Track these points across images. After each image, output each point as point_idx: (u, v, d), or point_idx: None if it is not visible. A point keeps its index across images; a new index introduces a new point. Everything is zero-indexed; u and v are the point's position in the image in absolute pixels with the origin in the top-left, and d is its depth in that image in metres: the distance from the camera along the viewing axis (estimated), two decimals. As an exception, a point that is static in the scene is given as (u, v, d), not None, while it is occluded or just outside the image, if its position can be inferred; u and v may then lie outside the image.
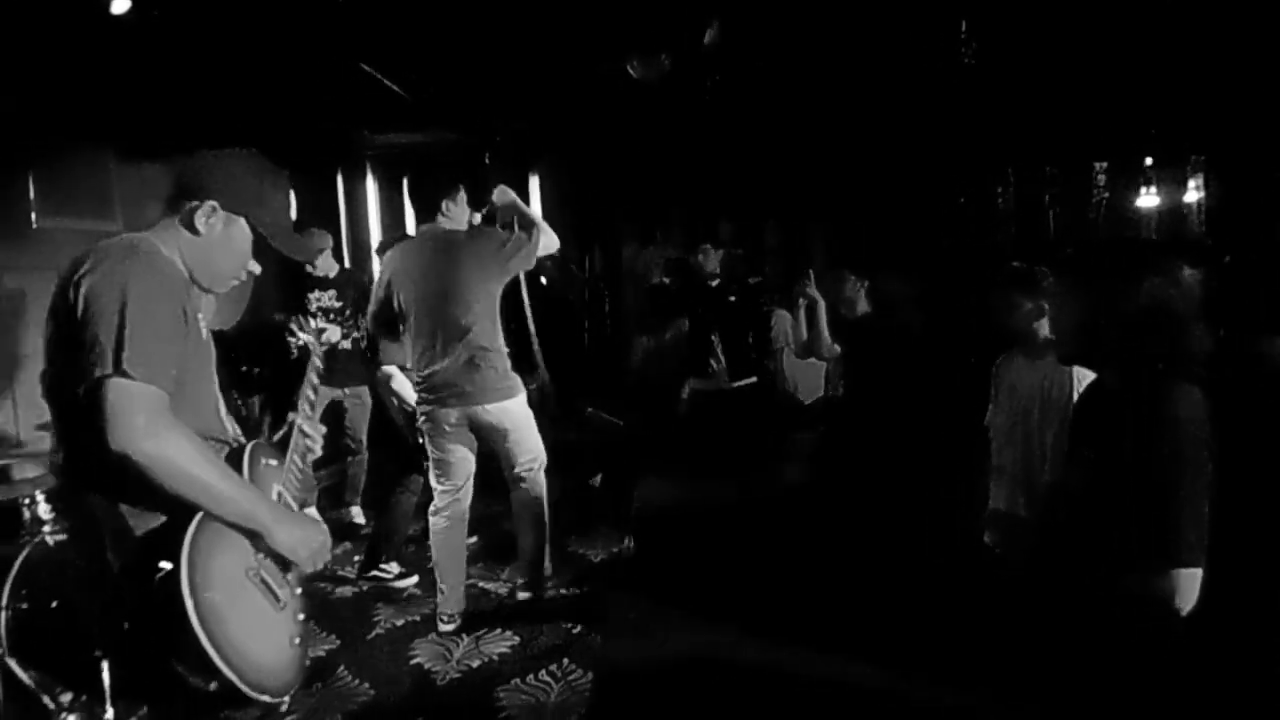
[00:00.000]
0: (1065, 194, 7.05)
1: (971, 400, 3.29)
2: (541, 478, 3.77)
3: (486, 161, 6.99)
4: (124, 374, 1.49)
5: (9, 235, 4.39)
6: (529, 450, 3.71)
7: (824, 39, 4.89)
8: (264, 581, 1.69)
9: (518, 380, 3.67)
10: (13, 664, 3.00)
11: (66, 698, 2.84)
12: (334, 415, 5.18)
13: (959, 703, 2.78)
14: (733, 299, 6.23)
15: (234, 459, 1.77)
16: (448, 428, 3.60)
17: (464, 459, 3.71)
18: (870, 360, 4.36)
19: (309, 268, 4.92)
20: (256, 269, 1.84)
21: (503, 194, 3.73)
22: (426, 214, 3.64)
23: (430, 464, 3.75)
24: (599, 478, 5.67)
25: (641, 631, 3.58)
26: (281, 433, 1.97)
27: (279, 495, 1.84)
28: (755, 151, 6.83)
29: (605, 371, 6.60)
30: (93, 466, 1.54)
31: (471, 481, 3.77)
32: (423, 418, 3.68)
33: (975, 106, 5.54)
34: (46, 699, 2.97)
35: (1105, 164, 6.90)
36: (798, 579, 3.75)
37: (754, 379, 5.63)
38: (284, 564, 1.77)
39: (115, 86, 4.40)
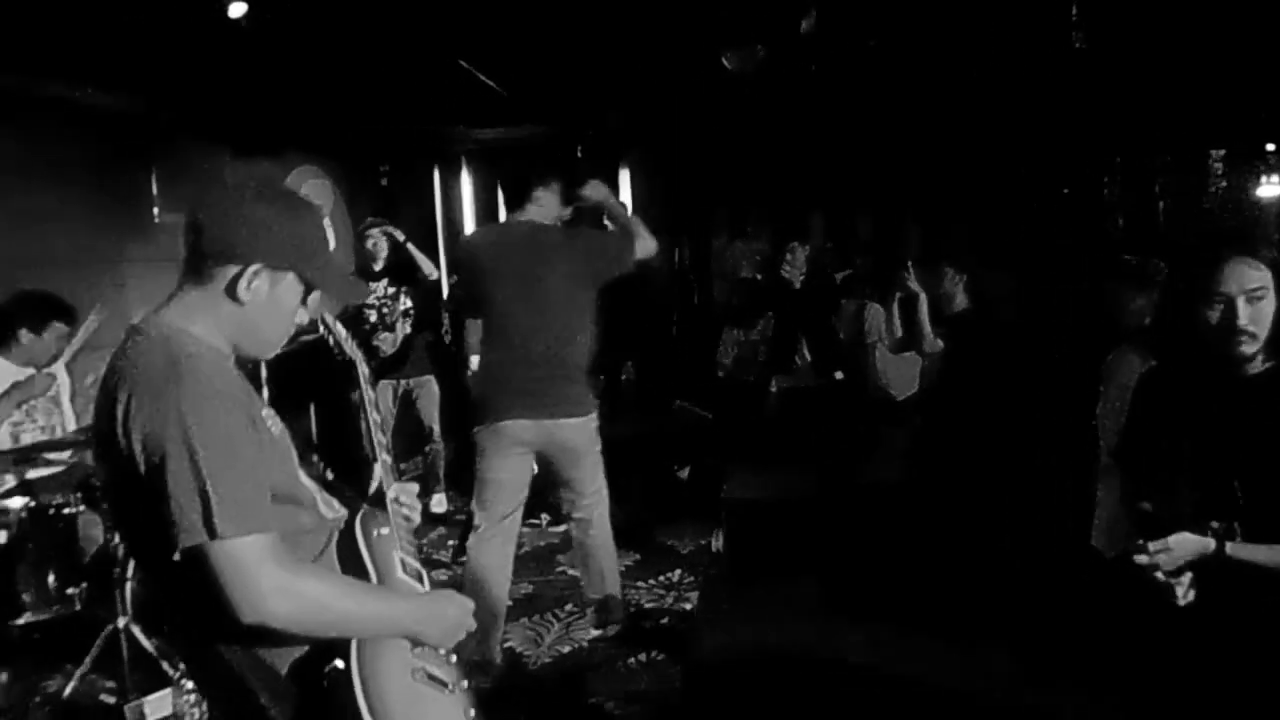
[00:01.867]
0: (1178, 183, 6.73)
1: (1078, 397, 3.17)
2: (607, 520, 3.42)
3: (579, 155, 7.07)
4: (221, 536, 1.28)
5: (133, 229, 4.66)
6: (596, 481, 3.36)
7: (926, 24, 4.76)
8: (429, 676, 1.52)
9: (594, 400, 3.37)
10: (136, 630, 3.19)
11: (185, 665, 2.99)
12: (405, 405, 5.31)
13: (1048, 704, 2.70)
14: (820, 295, 6.16)
15: (348, 540, 1.56)
16: (511, 444, 3.23)
17: (520, 483, 3.33)
18: (970, 356, 4.24)
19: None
20: (305, 319, 1.59)
21: (595, 189, 3.46)
22: (516, 202, 3.36)
23: (477, 484, 3.32)
24: (686, 470, 5.68)
25: (731, 623, 3.58)
26: (374, 487, 1.75)
27: (403, 564, 1.60)
28: (849, 142, 6.72)
29: (693, 364, 6.60)
30: (218, 624, 1.34)
31: (521, 513, 3.39)
32: (480, 428, 3.26)
33: (1084, 93, 5.33)
34: (166, 665, 3.15)
35: (1223, 151, 6.55)
36: (891, 575, 3.69)
37: (840, 375, 5.56)
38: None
39: (231, 86, 4.61)
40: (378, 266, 5.09)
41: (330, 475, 4.70)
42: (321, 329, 1.81)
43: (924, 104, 6.06)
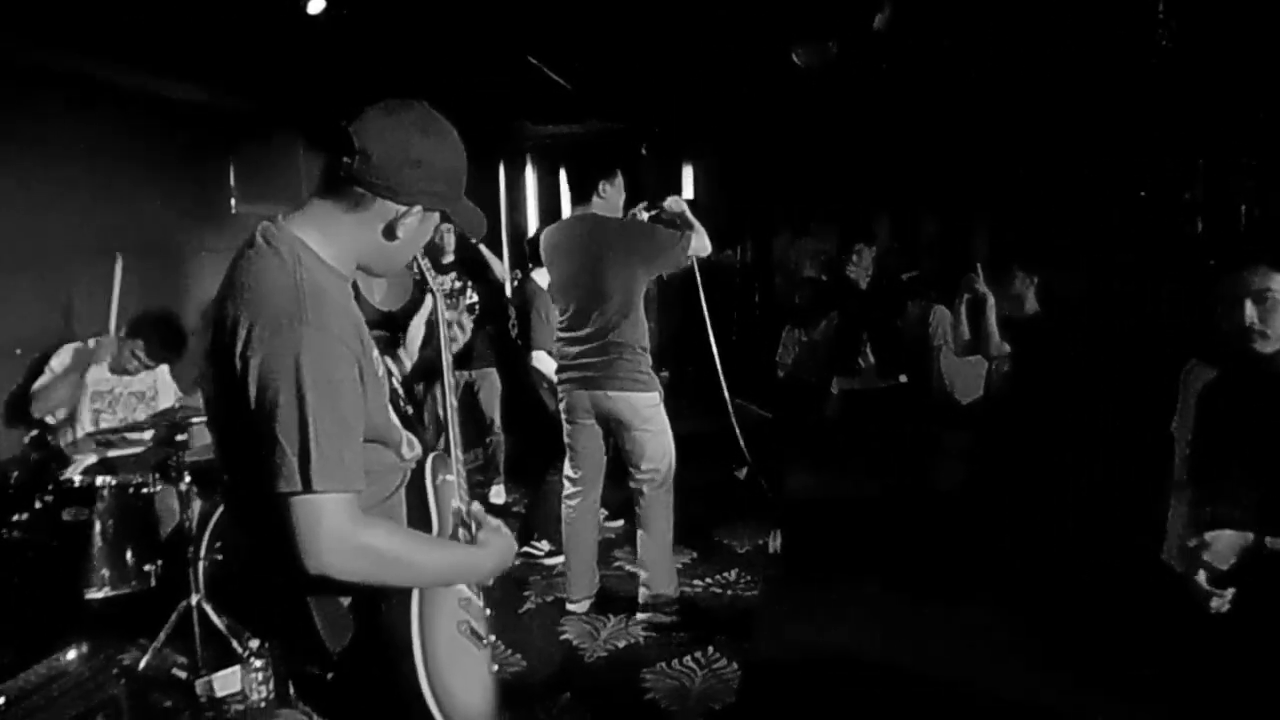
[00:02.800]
0: (1263, 187, 6.46)
1: (1153, 407, 3.07)
2: (663, 496, 3.66)
3: (643, 152, 7.07)
4: (314, 490, 1.30)
5: (212, 219, 4.80)
6: (650, 458, 3.59)
7: (1002, 22, 4.64)
8: (471, 630, 1.61)
9: (652, 378, 3.60)
10: (208, 608, 3.30)
11: (254, 643, 3.08)
12: (467, 398, 5.37)
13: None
14: (884, 296, 6.06)
15: (418, 481, 1.62)
16: (579, 414, 3.65)
17: (594, 449, 3.74)
18: (1039, 362, 4.14)
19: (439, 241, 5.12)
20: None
21: (675, 203, 3.69)
22: (582, 196, 3.63)
23: (568, 453, 3.80)
24: (745, 469, 5.65)
25: (788, 624, 3.56)
26: (441, 441, 1.81)
27: (458, 512, 1.67)
28: (917, 141, 6.60)
29: (754, 362, 6.56)
30: (292, 565, 1.37)
31: (602, 474, 3.81)
32: (561, 401, 3.75)
33: (1168, 92, 5.14)
34: (236, 643, 3.25)
35: (1315, 155, 6.26)
36: (951, 580, 3.63)
37: (904, 378, 5.47)
38: (479, 597, 1.71)
39: (306, 80, 4.72)
40: (446, 259, 5.16)
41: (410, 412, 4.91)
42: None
43: (997, 102, 5.92)
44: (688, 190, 7.81)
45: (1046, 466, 3.87)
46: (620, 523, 4.82)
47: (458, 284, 5.11)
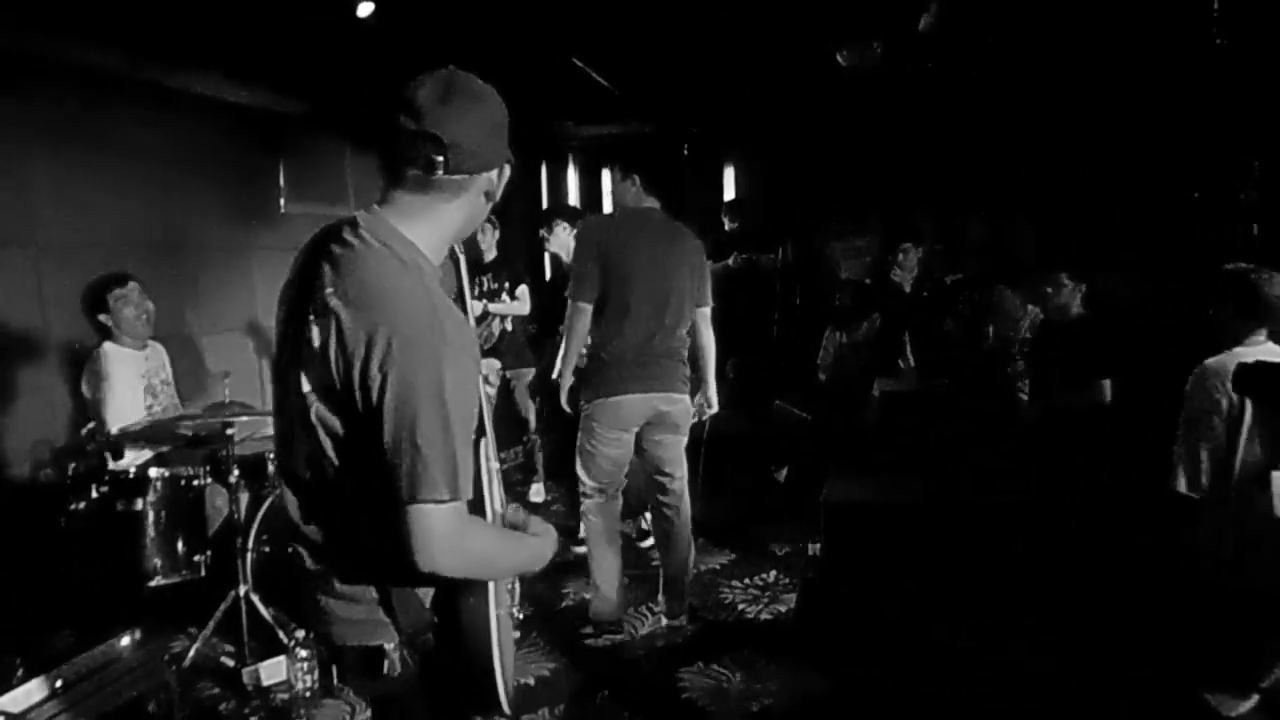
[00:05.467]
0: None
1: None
2: (688, 496, 3.67)
3: (685, 152, 7.08)
4: (438, 501, 1.32)
5: (262, 218, 4.90)
6: (684, 461, 3.62)
7: (1050, 20, 4.57)
8: (510, 613, 1.69)
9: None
10: (255, 599, 3.37)
11: (300, 634, 3.14)
12: (504, 395, 5.40)
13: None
14: (926, 296, 6.00)
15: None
16: (628, 416, 3.43)
17: (625, 457, 3.54)
18: (1085, 366, 4.08)
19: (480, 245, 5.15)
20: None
21: None
22: (657, 191, 3.56)
23: (586, 458, 3.52)
24: (784, 471, 5.63)
25: (826, 626, 3.54)
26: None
27: (500, 498, 1.70)
28: (962, 141, 6.52)
29: (794, 364, 6.53)
30: (392, 561, 1.39)
31: (622, 490, 3.63)
32: (593, 404, 3.44)
33: (1222, 92, 5.03)
34: (281, 634, 3.32)
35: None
36: (991, 587, 3.58)
37: (945, 380, 5.41)
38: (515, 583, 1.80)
39: (355, 83, 4.79)
40: (487, 259, 5.21)
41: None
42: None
43: (1045, 102, 5.83)
44: (728, 190, 7.81)
45: (1092, 473, 3.81)
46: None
47: (494, 285, 5.15)
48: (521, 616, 1.79)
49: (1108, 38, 4.84)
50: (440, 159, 1.39)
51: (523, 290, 5.22)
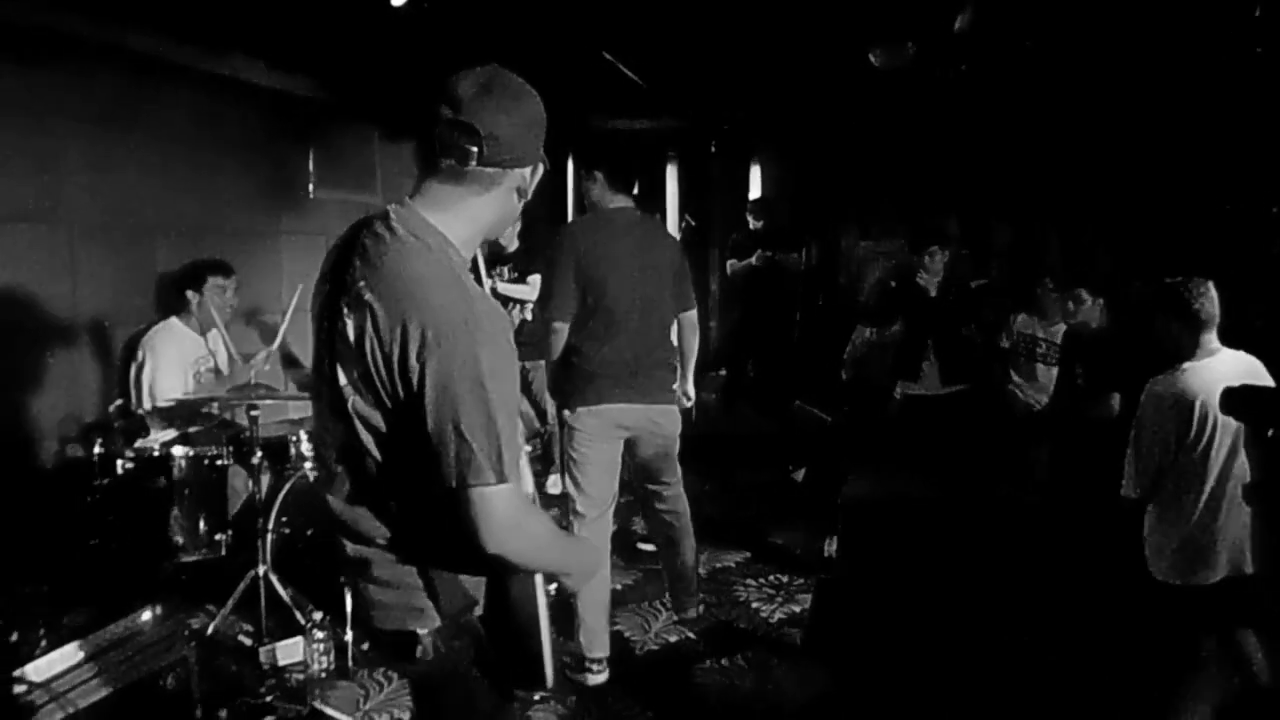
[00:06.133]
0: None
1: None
2: (685, 497, 3.56)
3: (712, 149, 7.07)
4: (487, 484, 1.34)
5: (291, 204, 4.95)
6: (677, 467, 3.49)
7: (1088, 24, 4.52)
8: (548, 591, 1.69)
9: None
10: (274, 579, 3.40)
11: (316, 615, 3.17)
12: (521, 387, 5.38)
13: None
14: (951, 300, 5.95)
15: None
16: (612, 425, 3.24)
17: (616, 466, 3.32)
18: (1101, 379, 4.05)
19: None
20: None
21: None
22: (626, 188, 3.33)
23: (572, 475, 3.31)
24: (802, 471, 5.62)
25: (841, 629, 3.53)
26: None
27: (531, 483, 1.71)
28: (992, 145, 6.47)
29: (815, 364, 6.51)
30: (436, 547, 1.46)
31: (614, 504, 3.37)
32: (577, 412, 3.23)
33: (1259, 101, 4.96)
34: (299, 614, 3.35)
35: None
36: (1009, 590, 3.56)
37: (966, 385, 5.38)
38: None
39: (385, 71, 4.82)
40: (509, 250, 5.23)
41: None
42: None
43: (1078, 107, 5.77)
44: (754, 189, 7.79)
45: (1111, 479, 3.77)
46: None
47: (513, 275, 5.16)
48: (554, 593, 1.84)
49: (1143, 45, 4.78)
50: (475, 149, 1.40)
51: (535, 278, 5.23)
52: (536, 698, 3.10)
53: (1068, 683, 3.03)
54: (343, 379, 1.41)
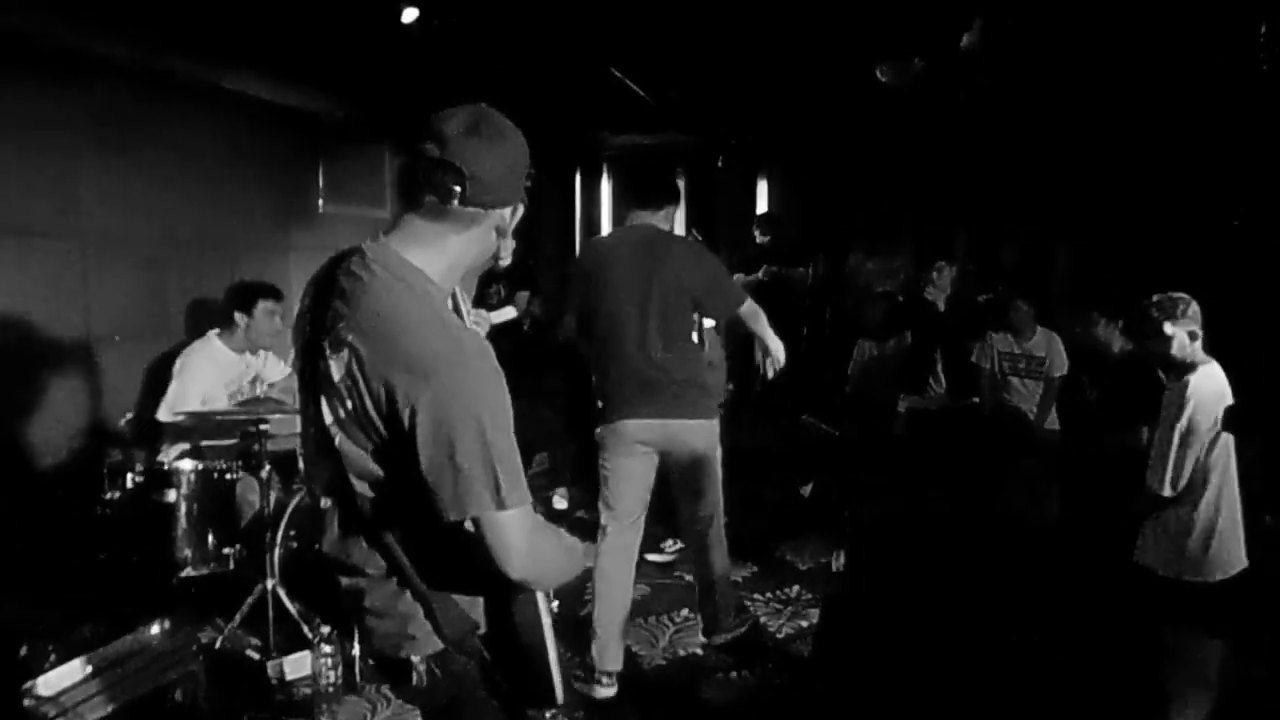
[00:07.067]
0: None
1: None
2: (723, 530, 3.47)
3: (719, 165, 7.09)
4: (506, 507, 1.34)
5: (300, 219, 4.98)
6: (715, 489, 3.39)
7: (1096, 43, 4.54)
8: (550, 607, 1.70)
9: (713, 407, 3.38)
10: (282, 593, 3.40)
11: (324, 630, 3.17)
12: None
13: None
14: (960, 318, 5.96)
15: None
16: (632, 441, 3.23)
17: (643, 482, 3.31)
18: (1127, 409, 4.04)
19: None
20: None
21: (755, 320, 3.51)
22: (648, 205, 3.35)
23: (602, 483, 3.34)
24: (810, 486, 5.61)
25: (848, 644, 3.51)
26: None
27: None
28: (999, 161, 6.48)
29: (822, 379, 6.50)
30: (435, 575, 1.48)
31: (643, 520, 3.37)
32: (600, 429, 3.29)
33: (1267, 118, 4.96)
34: (307, 629, 3.35)
35: None
36: (1016, 606, 3.55)
37: (975, 400, 5.38)
38: None
39: (395, 87, 4.86)
40: (503, 263, 5.25)
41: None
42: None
43: (1082, 126, 5.79)
44: (761, 203, 7.81)
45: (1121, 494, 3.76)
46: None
47: (504, 293, 5.18)
48: (556, 609, 1.80)
49: (1151, 62, 4.80)
50: (458, 189, 1.41)
51: (521, 296, 5.25)
52: (548, 715, 3.08)
53: (1076, 696, 3.01)
54: (328, 417, 1.42)
